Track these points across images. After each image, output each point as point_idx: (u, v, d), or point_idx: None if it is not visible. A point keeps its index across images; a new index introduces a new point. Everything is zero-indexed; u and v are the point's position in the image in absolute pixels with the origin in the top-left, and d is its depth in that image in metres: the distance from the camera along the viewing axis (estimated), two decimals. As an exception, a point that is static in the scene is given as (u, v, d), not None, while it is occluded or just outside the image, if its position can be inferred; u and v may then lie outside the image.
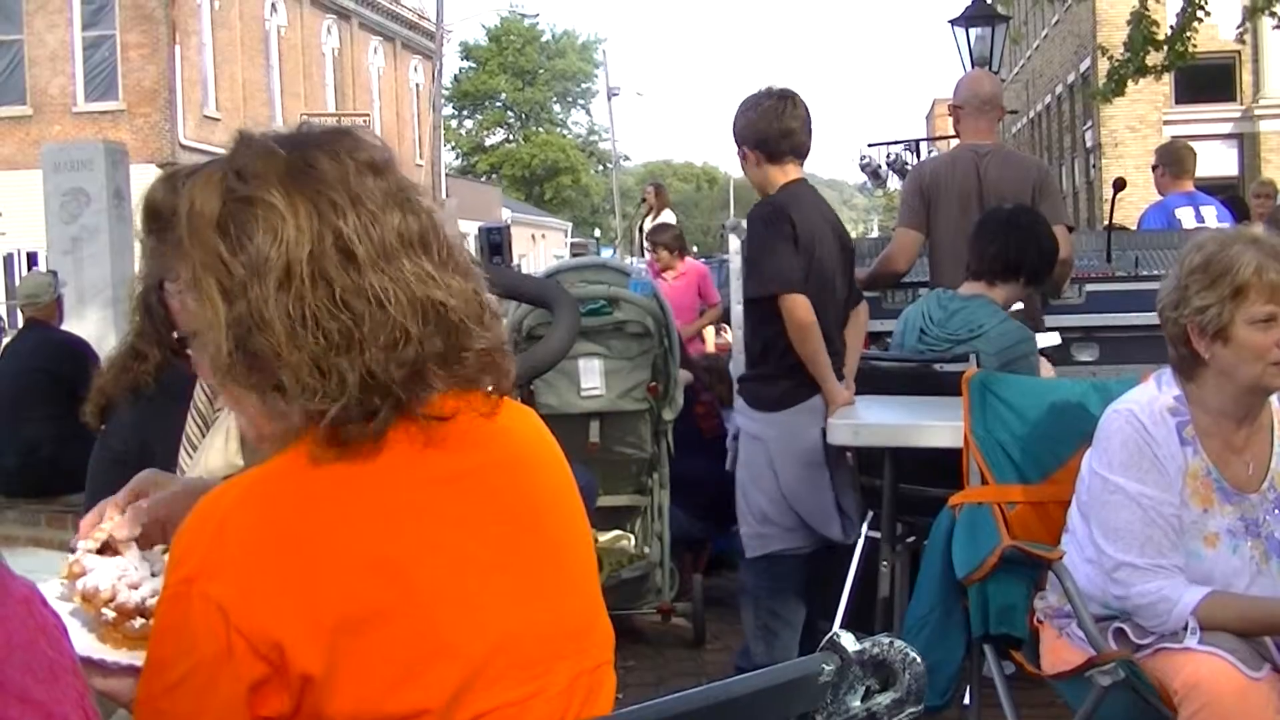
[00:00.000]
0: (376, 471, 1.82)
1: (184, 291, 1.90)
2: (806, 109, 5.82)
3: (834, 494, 5.71)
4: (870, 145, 26.75)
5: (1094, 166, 38.45)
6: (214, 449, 3.10)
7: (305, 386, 1.79)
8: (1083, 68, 38.81)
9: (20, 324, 10.16)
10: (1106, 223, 9.33)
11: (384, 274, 1.82)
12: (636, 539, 7.27)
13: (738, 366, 6.14)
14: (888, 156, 26.71)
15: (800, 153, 5.82)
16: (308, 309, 1.78)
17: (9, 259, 34.29)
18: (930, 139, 31.10)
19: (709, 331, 13.19)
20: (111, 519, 2.23)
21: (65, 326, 9.74)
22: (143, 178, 4.79)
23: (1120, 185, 9.38)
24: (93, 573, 2.08)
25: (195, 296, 1.86)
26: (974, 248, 5.95)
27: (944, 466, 4.63)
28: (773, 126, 5.78)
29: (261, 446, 1.92)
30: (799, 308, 5.55)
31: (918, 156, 24.50)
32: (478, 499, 1.90)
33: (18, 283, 20.46)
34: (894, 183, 25.90)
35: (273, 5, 43.41)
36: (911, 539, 5.47)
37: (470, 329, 1.89)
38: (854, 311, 5.95)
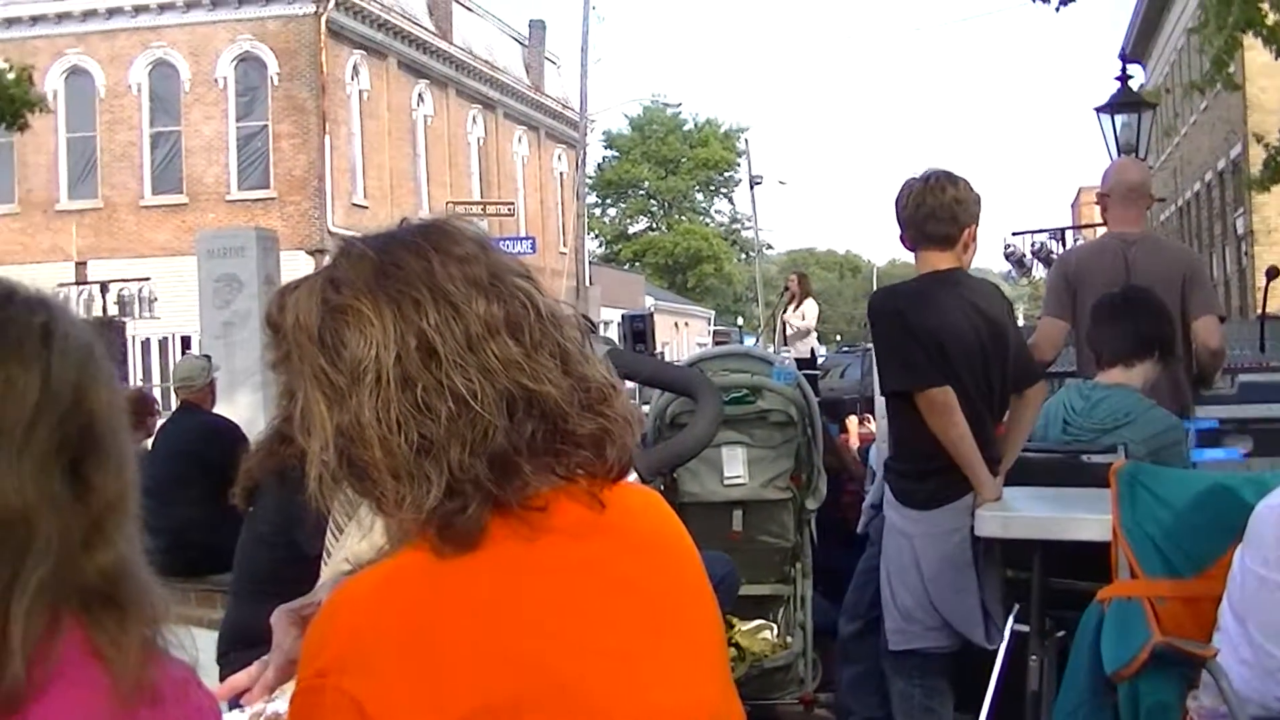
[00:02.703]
0: (500, 563, 1.82)
1: (298, 404, 1.92)
2: (952, 193, 5.61)
3: (980, 596, 5.60)
4: (1015, 234, 26.50)
5: (1245, 254, 37.83)
6: (360, 535, 3.12)
7: (398, 496, 1.81)
8: (1233, 154, 38.32)
9: (174, 406, 10.34)
10: (1259, 312, 9.19)
11: (467, 368, 1.81)
12: (779, 628, 7.23)
13: (879, 454, 6.10)
14: (1033, 245, 26.48)
15: (935, 240, 5.66)
16: (394, 414, 1.79)
17: (164, 343, 35.00)
18: (1076, 227, 30.80)
19: (852, 421, 13.11)
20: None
21: (217, 409, 9.91)
22: (293, 264, 4.89)
23: (1273, 274, 9.22)
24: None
25: (305, 410, 1.88)
26: (1100, 336, 5.90)
27: (1092, 559, 4.55)
28: (903, 212, 5.72)
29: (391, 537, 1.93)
30: (939, 399, 5.45)
31: (1063, 245, 24.29)
32: (603, 586, 1.88)
33: (172, 366, 20.88)
34: (1039, 271, 25.62)
35: (420, 96, 44.12)
36: (1060, 633, 5.37)
37: (568, 413, 1.87)
38: (1025, 395, 5.72)
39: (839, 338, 72.98)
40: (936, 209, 5.61)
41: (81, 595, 1.55)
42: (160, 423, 10.33)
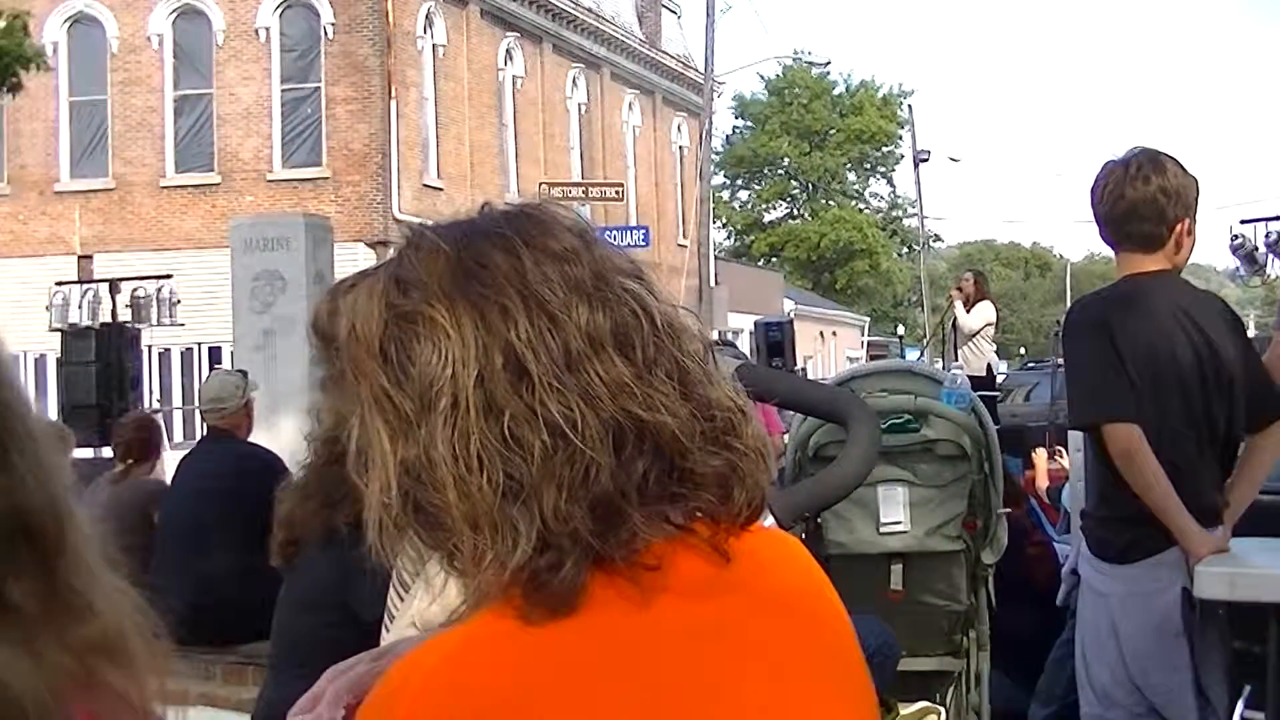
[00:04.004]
0: (602, 631, 1.81)
1: (353, 435, 1.91)
2: (1158, 183, 5.55)
3: (1194, 674, 5.53)
4: (1244, 222, 26.17)
5: None
6: (429, 596, 3.13)
7: (477, 550, 1.79)
8: None
9: (201, 434, 10.45)
10: None
11: (565, 392, 1.79)
12: (948, 712, 7.21)
13: (1074, 496, 6.07)
14: (1267, 236, 26.18)
15: (1138, 240, 5.63)
16: (474, 448, 1.78)
17: (188, 355, 35.36)
18: (1323, 213, 30.40)
19: (1039, 454, 13.15)
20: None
21: (254, 437, 9.99)
22: (350, 258, 4.89)
23: None
24: None
25: (363, 441, 1.88)
26: None
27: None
28: (1102, 205, 5.66)
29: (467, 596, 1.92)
30: (1121, 439, 5.41)
31: (1307, 235, 24.01)
32: (728, 657, 1.87)
33: (199, 385, 21.13)
34: (1275, 268, 25.35)
35: (508, 52, 44.36)
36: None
37: (687, 448, 1.85)
38: (1262, 435, 5.69)
39: (1023, 351, 72.60)
40: (1139, 204, 5.56)
41: (80, 667, 1.56)
42: (183, 456, 10.44)
